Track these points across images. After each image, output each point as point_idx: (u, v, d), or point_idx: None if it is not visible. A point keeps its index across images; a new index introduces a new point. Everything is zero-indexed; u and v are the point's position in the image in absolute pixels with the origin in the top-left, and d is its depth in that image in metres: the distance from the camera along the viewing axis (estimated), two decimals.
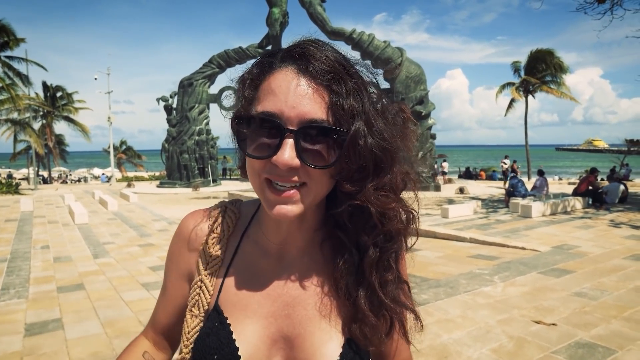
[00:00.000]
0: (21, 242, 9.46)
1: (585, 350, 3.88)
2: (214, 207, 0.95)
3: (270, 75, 0.74)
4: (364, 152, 0.72)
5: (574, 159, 72.55)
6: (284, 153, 0.69)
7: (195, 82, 23.96)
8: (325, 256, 0.84)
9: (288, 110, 0.70)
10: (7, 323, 4.80)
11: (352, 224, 0.79)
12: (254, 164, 0.74)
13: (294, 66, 0.73)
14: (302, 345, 0.80)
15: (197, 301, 0.87)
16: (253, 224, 0.91)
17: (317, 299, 0.83)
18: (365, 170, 0.74)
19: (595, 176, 14.77)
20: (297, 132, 0.70)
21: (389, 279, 0.81)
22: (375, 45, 20.48)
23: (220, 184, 25.46)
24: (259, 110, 0.72)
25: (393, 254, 0.81)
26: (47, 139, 38.19)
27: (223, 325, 0.81)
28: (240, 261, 0.88)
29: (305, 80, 0.71)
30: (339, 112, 0.71)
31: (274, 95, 0.71)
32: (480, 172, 33.56)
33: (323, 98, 0.71)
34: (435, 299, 5.22)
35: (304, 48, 0.73)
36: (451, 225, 10.71)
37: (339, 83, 0.71)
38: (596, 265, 6.76)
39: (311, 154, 0.71)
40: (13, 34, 26.56)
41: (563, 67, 30.69)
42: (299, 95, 0.70)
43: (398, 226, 0.79)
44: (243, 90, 0.78)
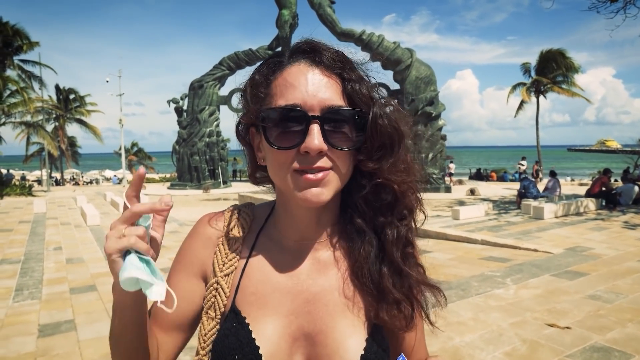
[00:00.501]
0: (34, 244, 9.57)
1: (601, 354, 3.82)
2: (228, 209, 0.96)
3: (282, 72, 0.78)
4: (384, 130, 0.78)
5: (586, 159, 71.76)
6: (313, 139, 0.73)
7: (206, 84, 24.08)
8: (343, 248, 0.87)
9: (310, 99, 0.74)
10: (21, 324, 4.86)
11: (370, 207, 0.83)
12: (280, 157, 0.76)
13: (306, 59, 0.78)
14: (325, 342, 0.81)
15: (213, 303, 0.86)
16: (268, 224, 0.92)
17: (338, 294, 0.84)
18: (385, 148, 0.79)
19: (608, 177, 14.59)
20: (321, 118, 0.74)
21: (409, 252, 0.85)
22: (385, 47, 20.42)
23: (230, 186, 25.55)
24: (281, 103, 0.75)
25: (409, 230, 0.85)
26: (59, 141, 38.62)
27: (242, 325, 0.82)
28: (256, 261, 0.88)
29: (319, 70, 0.76)
30: (356, 97, 0.77)
31: (293, 87, 0.75)
32: (491, 174, 33.30)
33: (338, 84, 0.77)
34: (447, 302, 5.18)
35: (310, 43, 0.79)
36: (462, 226, 10.63)
37: (349, 70, 0.78)
38: (610, 267, 6.67)
39: (337, 137, 0.75)
40: (27, 37, 26.91)
41: (574, 67, 30.37)
42: (317, 84, 0.75)
43: (412, 202, 0.85)
44: (254, 91, 0.80)
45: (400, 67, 19.94)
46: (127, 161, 42.10)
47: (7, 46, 26.15)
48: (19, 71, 27.83)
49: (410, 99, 19.43)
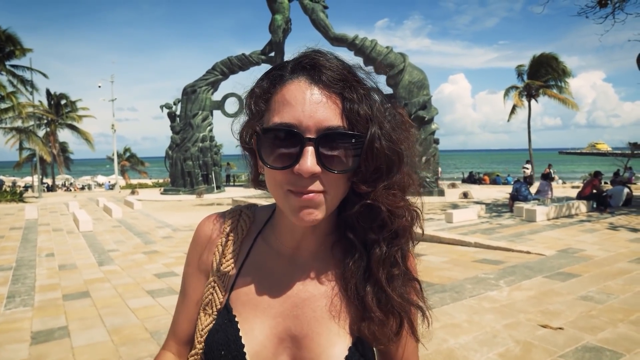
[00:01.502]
0: (26, 250, 9.49)
1: (593, 354, 3.86)
2: (229, 211, 0.98)
3: (282, 87, 0.76)
4: (380, 154, 0.76)
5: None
6: (306, 161, 0.72)
7: (199, 89, 24.05)
8: (336, 259, 0.87)
9: (306, 120, 0.72)
10: (14, 331, 4.81)
11: (361, 224, 0.82)
12: (276, 176, 0.76)
13: (306, 76, 0.76)
14: (309, 346, 0.82)
15: (210, 300, 0.90)
16: (267, 228, 0.94)
17: (326, 301, 0.85)
18: (380, 172, 0.77)
19: (599, 179, 14.73)
20: (316, 140, 0.72)
21: (395, 273, 0.83)
22: (378, 51, 20.54)
23: (224, 191, 25.50)
24: (277, 121, 0.74)
25: (399, 250, 0.84)
26: (51, 146, 38.36)
27: (231, 322, 0.85)
28: (252, 262, 0.91)
29: (318, 89, 0.74)
30: (353, 118, 0.74)
31: (290, 106, 0.74)
32: (484, 177, 33.48)
33: (337, 105, 0.74)
34: (441, 304, 5.21)
35: (313, 59, 0.76)
36: (455, 229, 10.69)
37: (350, 90, 0.75)
38: (602, 268, 6.73)
39: (331, 160, 0.74)
40: (19, 43, 26.76)
41: (566, 72, 30.66)
42: (315, 104, 0.73)
43: (405, 224, 0.82)
44: (254, 104, 0.80)
45: (393, 71, 20.05)
46: (119, 167, 41.88)
47: None
48: (10, 76, 27.64)
49: (403, 103, 19.52)
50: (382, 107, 0.80)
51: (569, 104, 31.27)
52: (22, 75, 28.33)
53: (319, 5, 21.75)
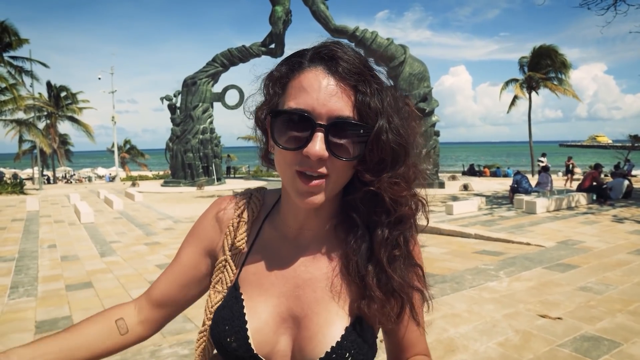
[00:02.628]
0: (28, 242, 9.54)
1: (591, 343, 3.91)
2: (241, 194, 1.03)
3: (300, 74, 0.80)
4: (386, 146, 0.80)
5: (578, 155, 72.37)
6: (315, 145, 0.76)
7: (199, 81, 23.99)
8: (339, 239, 0.91)
9: (319, 107, 0.77)
10: (18, 321, 4.87)
11: (365, 206, 0.86)
12: (286, 156, 0.81)
13: (323, 66, 0.80)
14: (308, 325, 0.86)
15: (220, 279, 0.95)
16: (274, 211, 0.99)
17: (327, 282, 0.89)
18: (384, 163, 0.81)
19: (599, 172, 14.74)
20: (326, 126, 0.77)
21: (396, 254, 0.86)
22: (379, 43, 20.46)
23: (224, 183, 25.53)
24: (292, 106, 0.79)
25: (401, 235, 0.87)
26: (51, 139, 38.32)
27: (237, 299, 0.90)
28: (260, 244, 0.95)
29: (334, 80, 0.78)
30: (364, 110, 0.78)
31: (306, 92, 0.78)
32: (485, 169, 33.50)
33: (350, 97, 0.78)
34: (442, 294, 5.25)
35: (332, 50, 0.80)
36: (456, 221, 10.72)
37: (364, 84, 0.79)
38: (601, 260, 6.77)
39: (338, 148, 0.78)
40: (16, 34, 26.65)
41: (566, 64, 30.53)
42: (329, 94, 0.77)
43: (408, 212, 0.86)
44: (272, 86, 0.85)
45: (394, 63, 19.98)
46: (119, 159, 41.87)
47: None
48: (9, 67, 27.54)
49: (404, 95, 19.46)
50: (394, 102, 0.84)
51: (570, 94, 31.18)
52: (21, 66, 28.24)
53: None
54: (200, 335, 0.96)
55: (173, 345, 4.01)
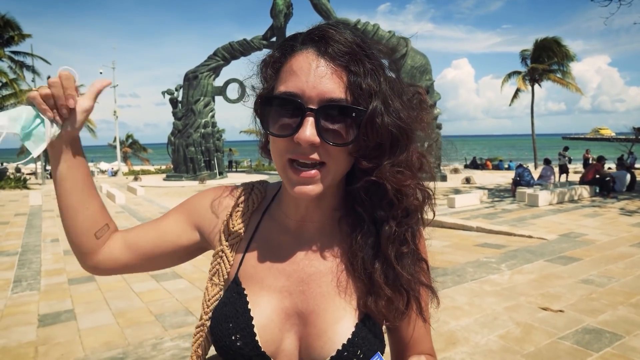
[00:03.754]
0: (31, 236, 9.57)
1: (592, 335, 3.90)
2: (242, 185, 1.00)
3: (291, 57, 0.77)
4: (381, 130, 0.75)
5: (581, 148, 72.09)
6: (305, 130, 0.72)
7: (200, 74, 23.95)
8: (343, 233, 0.87)
9: (309, 90, 0.73)
10: (21, 314, 4.89)
11: (370, 199, 0.82)
12: (278, 144, 0.78)
13: (313, 48, 0.76)
14: (315, 322, 0.82)
15: (217, 270, 0.91)
16: (274, 203, 0.95)
17: (332, 276, 0.85)
18: (382, 148, 0.77)
19: (602, 164, 14.69)
20: (317, 110, 0.73)
21: (404, 251, 0.83)
22: (380, 36, 20.37)
23: (226, 177, 25.54)
24: (282, 90, 0.76)
25: (409, 229, 0.84)
26: None
27: (240, 295, 0.85)
28: (260, 237, 0.92)
29: (324, 62, 0.74)
30: (357, 92, 0.74)
31: (296, 75, 0.75)
32: (487, 162, 33.42)
33: (342, 78, 0.74)
34: (443, 287, 5.25)
35: (323, 31, 0.77)
36: (458, 214, 10.71)
37: (356, 64, 0.74)
38: (603, 252, 6.76)
39: (331, 133, 0.74)
40: (18, 28, 26.62)
41: (569, 56, 30.33)
42: (319, 76, 0.73)
43: (414, 203, 0.83)
44: (264, 72, 0.82)
45: (396, 56, 19.88)
46: (122, 153, 41.90)
47: None
48: (10, 62, 27.54)
49: None
50: (394, 84, 0.79)
51: (572, 88, 31.02)
52: (22, 61, 28.22)
53: None
54: (197, 329, 0.93)
55: (175, 338, 4.02)
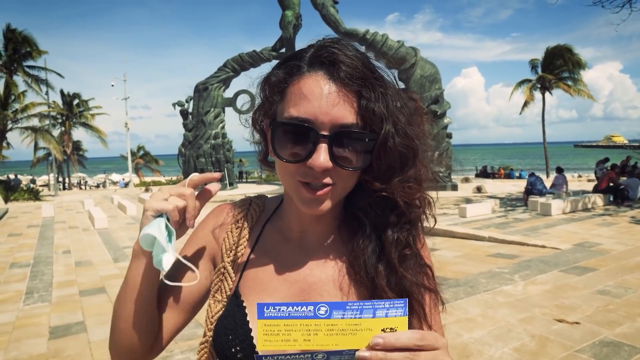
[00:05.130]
0: (43, 247, 9.65)
1: (610, 348, 3.81)
2: (240, 200, 1.01)
3: (299, 80, 0.76)
4: (393, 152, 0.77)
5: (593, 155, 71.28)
6: (319, 157, 0.73)
7: (211, 86, 24.13)
8: (344, 239, 0.88)
9: (322, 116, 0.73)
10: (32, 326, 4.91)
11: (375, 209, 0.83)
12: (288, 167, 0.78)
13: (324, 71, 0.76)
14: None
15: (219, 287, 0.91)
16: (275, 216, 0.96)
17: (334, 284, 0.85)
18: (393, 169, 0.79)
19: (615, 172, 14.49)
20: (330, 137, 0.73)
21: (407, 254, 0.83)
22: (389, 45, 20.41)
23: (237, 187, 25.60)
24: (293, 114, 0.75)
25: (410, 234, 0.84)
26: (65, 145, 38.86)
27: (239, 307, 0.85)
28: (260, 249, 0.92)
29: (336, 87, 0.74)
30: (369, 117, 0.75)
31: (307, 100, 0.74)
32: (500, 170, 33.19)
33: (353, 103, 0.75)
34: (455, 299, 5.18)
35: (332, 53, 0.76)
36: (469, 224, 10.61)
37: (368, 89, 0.75)
38: (619, 262, 6.63)
39: (344, 157, 0.75)
40: (36, 44, 27.21)
41: (581, 63, 30.12)
42: (331, 101, 0.74)
43: (420, 213, 0.84)
44: (269, 91, 0.81)
45: (405, 65, 19.91)
46: (133, 164, 42.29)
47: (15, 52, 26.44)
48: (26, 77, 28.09)
49: None
50: (398, 101, 0.80)
51: (584, 95, 30.76)
52: (36, 75, 28.74)
53: (329, 0, 21.67)
54: (202, 346, 0.92)
55: (185, 351, 4.00)
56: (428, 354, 0.61)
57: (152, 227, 0.76)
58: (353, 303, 0.63)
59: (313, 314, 0.63)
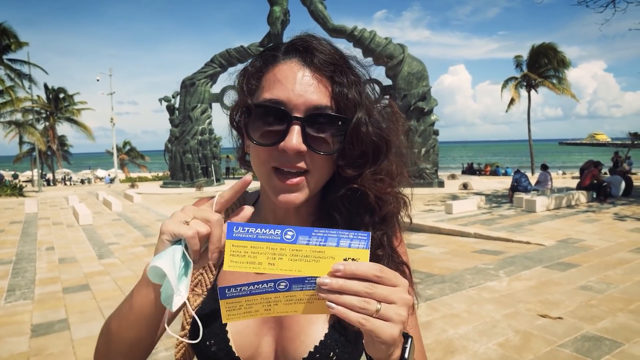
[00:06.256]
0: (26, 244, 9.50)
1: (592, 343, 3.87)
2: None
3: (274, 67, 0.78)
4: (366, 139, 0.77)
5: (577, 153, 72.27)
6: (291, 139, 0.73)
7: (198, 81, 23.96)
8: None
9: (295, 98, 0.74)
10: (14, 324, 4.83)
11: (347, 205, 0.82)
12: (261, 153, 0.77)
13: (298, 58, 0.77)
14: (290, 325, 0.84)
15: (199, 281, 0.91)
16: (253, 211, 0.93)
17: None
18: (366, 157, 0.78)
19: (599, 169, 14.70)
20: (303, 119, 0.74)
21: (379, 254, 0.82)
22: (377, 42, 20.43)
23: (223, 184, 25.49)
24: (266, 97, 0.75)
25: (384, 235, 0.84)
26: (49, 140, 38.29)
27: (215, 301, 0.84)
28: None
29: (310, 71, 0.76)
30: (342, 101, 0.75)
31: (281, 84, 0.75)
32: (486, 167, 33.49)
33: (327, 88, 0.76)
34: (441, 295, 5.21)
35: (306, 41, 0.78)
36: (455, 220, 10.68)
37: (341, 74, 0.76)
38: (601, 258, 6.73)
39: (316, 141, 0.75)
40: (15, 36, 26.65)
41: (565, 62, 30.47)
42: (305, 85, 0.74)
43: (392, 210, 0.83)
44: (245, 82, 0.81)
45: (392, 62, 19.95)
46: (119, 160, 41.82)
47: None
48: (8, 70, 27.54)
49: (403, 94, 19.46)
50: (372, 96, 0.81)
51: (568, 94, 31.14)
52: (19, 69, 28.21)
53: None
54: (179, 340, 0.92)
55: (169, 348, 3.97)
56: (386, 288, 0.60)
57: (164, 258, 0.64)
58: (319, 230, 0.63)
59: (280, 238, 0.63)
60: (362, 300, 0.59)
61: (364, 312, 0.58)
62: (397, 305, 0.60)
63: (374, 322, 0.59)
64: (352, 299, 0.59)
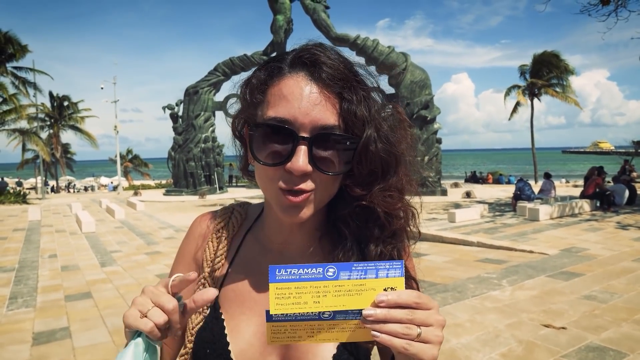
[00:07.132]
0: (29, 252, 9.52)
1: (596, 353, 3.83)
2: (222, 209, 0.99)
3: (280, 81, 0.74)
4: (375, 157, 0.74)
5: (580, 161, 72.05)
6: (298, 160, 0.70)
7: (201, 90, 24.10)
8: (325, 251, 0.85)
9: (301, 117, 0.71)
10: (16, 332, 4.82)
11: (356, 221, 0.80)
12: (268, 172, 0.75)
13: (305, 72, 0.74)
14: (297, 344, 0.80)
15: None
16: (256, 225, 0.94)
17: None
18: (375, 175, 0.76)
19: (602, 178, 14.66)
20: (310, 139, 0.71)
21: None
22: (380, 51, 20.53)
23: (226, 191, 25.54)
24: (271, 115, 0.73)
25: (394, 249, 0.82)
26: (53, 148, 38.46)
27: (218, 320, 0.84)
28: (241, 259, 0.90)
29: (317, 87, 0.72)
30: (350, 119, 0.73)
31: (287, 101, 0.72)
32: (488, 176, 33.41)
33: (334, 105, 0.73)
34: (443, 304, 5.18)
35: (314, 54, 0.74)
36: (458, 229, 10.65)
37: (350, 91, 0.73)
38: (605, 267, 6.69)
39: (323, 161, 0.73)
40: (19, 44, 26.84)
41: (569, 69, 30.48)
42: (312, 102, 0.71)
43: (403, 224, 0.81)
44: (249, 94, 0.78)
45: (395, 71, 20.04)
46: (122, 168, 41.94)
47: (2, 53, 26.11)
48: (12, 78, 27.72)
49: (405, 102, 19.50)
50: (382, 108, 0.78)
51: (572, 102, 31.12)
52: (24, 77, 28.40)
53: (320, 5, 21.78)
54: (182, 358, 0.90)
55: None
56: (423, 312, 0.63)
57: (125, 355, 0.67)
58: (358, 264, 0.64)
59: (322, 276, 0.64)
60: (404, 327, 0.61)
61: (407, 338, 0.61)
62: (434, 327, 0.63)
63: (416, 345, 0.62)
64: (396, 326, 0.61)
